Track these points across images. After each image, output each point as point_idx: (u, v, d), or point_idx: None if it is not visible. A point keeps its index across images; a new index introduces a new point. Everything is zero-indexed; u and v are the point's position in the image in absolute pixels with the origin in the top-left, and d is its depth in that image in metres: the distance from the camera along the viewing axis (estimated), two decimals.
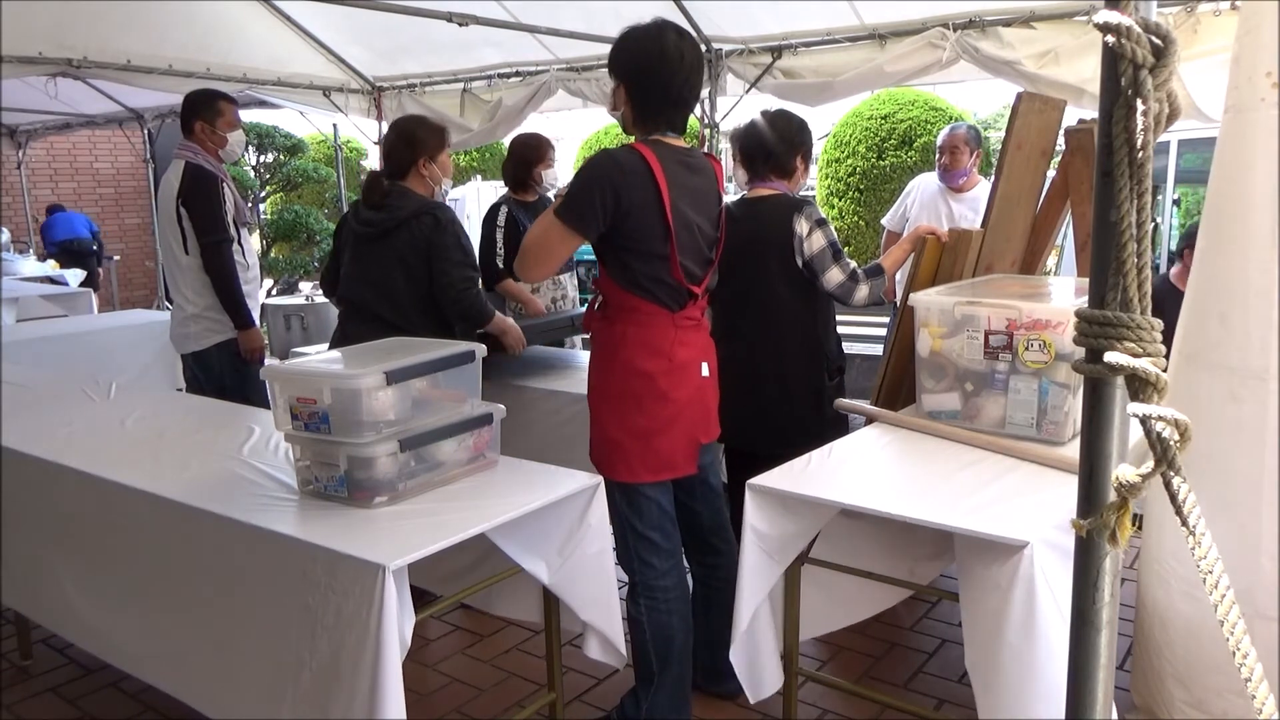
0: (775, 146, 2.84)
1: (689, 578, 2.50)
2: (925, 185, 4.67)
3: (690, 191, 2.23)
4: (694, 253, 2.24)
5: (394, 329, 2.76)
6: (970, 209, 4.36)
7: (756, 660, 2.21)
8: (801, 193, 2.97)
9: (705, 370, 2.34)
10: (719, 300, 2.83)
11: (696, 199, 2.25)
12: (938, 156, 4.54)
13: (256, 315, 3.68)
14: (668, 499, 2.34)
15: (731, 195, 2.97)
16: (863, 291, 2.79)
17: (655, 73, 2.17)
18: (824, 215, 2.87)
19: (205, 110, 3.59)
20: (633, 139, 2.24)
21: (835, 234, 2.85)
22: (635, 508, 2.29)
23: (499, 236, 3.85)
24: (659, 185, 2.14)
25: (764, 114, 2.91)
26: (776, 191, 2.85)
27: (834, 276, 2.76)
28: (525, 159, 3.94)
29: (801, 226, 2.74)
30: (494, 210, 3.93)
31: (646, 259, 2.20)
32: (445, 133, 3.11)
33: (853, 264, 2.81)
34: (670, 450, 2.27)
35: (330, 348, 2.93)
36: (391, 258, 2.88)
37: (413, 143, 2.95)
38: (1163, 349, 0.64)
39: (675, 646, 2.34)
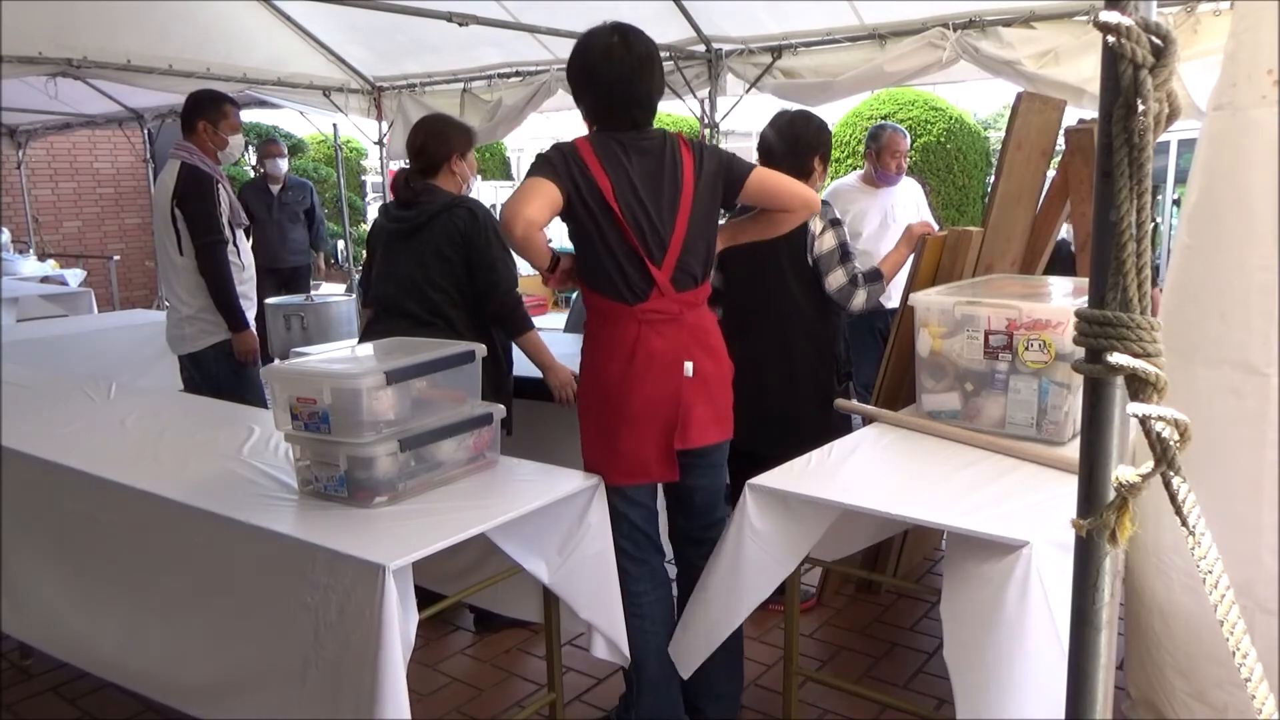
0: (793, 146, 2.83)
1: (672, 586, 2.45)
2: (847, 194, 4.50)
3: (639, 174, 2.14)
4: (651, 236, 2.15)
5: (423, 325, 2.73)
6: (896, 199, 4.38)
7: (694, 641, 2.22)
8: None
9: (688, 370, 2.21)
10: (729, 299, 2.82)
11: (645, 182, 2.16)
12: (884, 159, 4.40)
13: (251, 316, 3.67)
14: (638, 513, 2.31)
15: None
16: (860, 297, 2.79)
17: (590, 77, 2.16)
18: (839, 215, 2.87)
19: (211, 110, 3.59)
20: None
21: (848, 236, 2.84)
22: (611, 514, 2.26)
23: None
24: (593, 173, 2.10)
25: (783, 114, 2.91)
26: None
27: (837, 279, 2.75)
28: None
29: (815, 224, 2.73)
30: None
31: (593, 252, 2.16)
32: (472, 131, 3.13)
33: (857, 268, 2.80)
34: (633, 454, 2.21)
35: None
36: (426, 252, 2.84)
37: (445, 140, 2.95)
38: (1163, 349, 0.64)
39: (650, 651, 2.32)
